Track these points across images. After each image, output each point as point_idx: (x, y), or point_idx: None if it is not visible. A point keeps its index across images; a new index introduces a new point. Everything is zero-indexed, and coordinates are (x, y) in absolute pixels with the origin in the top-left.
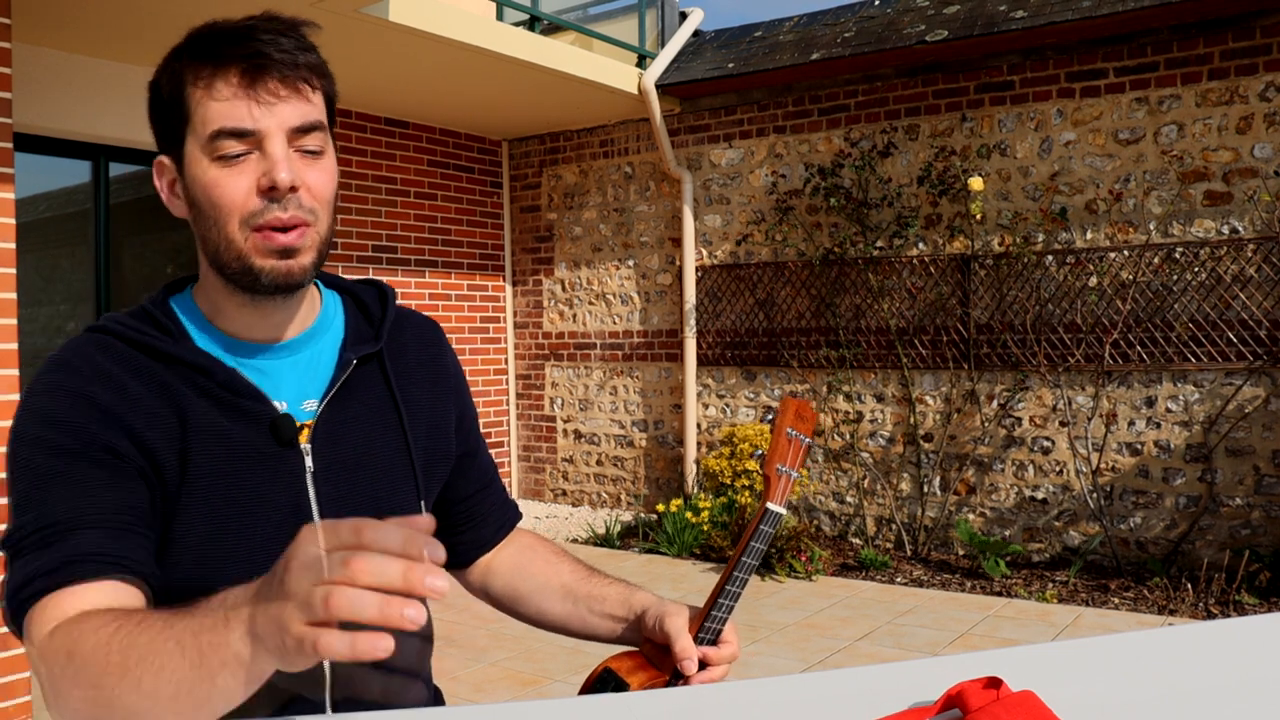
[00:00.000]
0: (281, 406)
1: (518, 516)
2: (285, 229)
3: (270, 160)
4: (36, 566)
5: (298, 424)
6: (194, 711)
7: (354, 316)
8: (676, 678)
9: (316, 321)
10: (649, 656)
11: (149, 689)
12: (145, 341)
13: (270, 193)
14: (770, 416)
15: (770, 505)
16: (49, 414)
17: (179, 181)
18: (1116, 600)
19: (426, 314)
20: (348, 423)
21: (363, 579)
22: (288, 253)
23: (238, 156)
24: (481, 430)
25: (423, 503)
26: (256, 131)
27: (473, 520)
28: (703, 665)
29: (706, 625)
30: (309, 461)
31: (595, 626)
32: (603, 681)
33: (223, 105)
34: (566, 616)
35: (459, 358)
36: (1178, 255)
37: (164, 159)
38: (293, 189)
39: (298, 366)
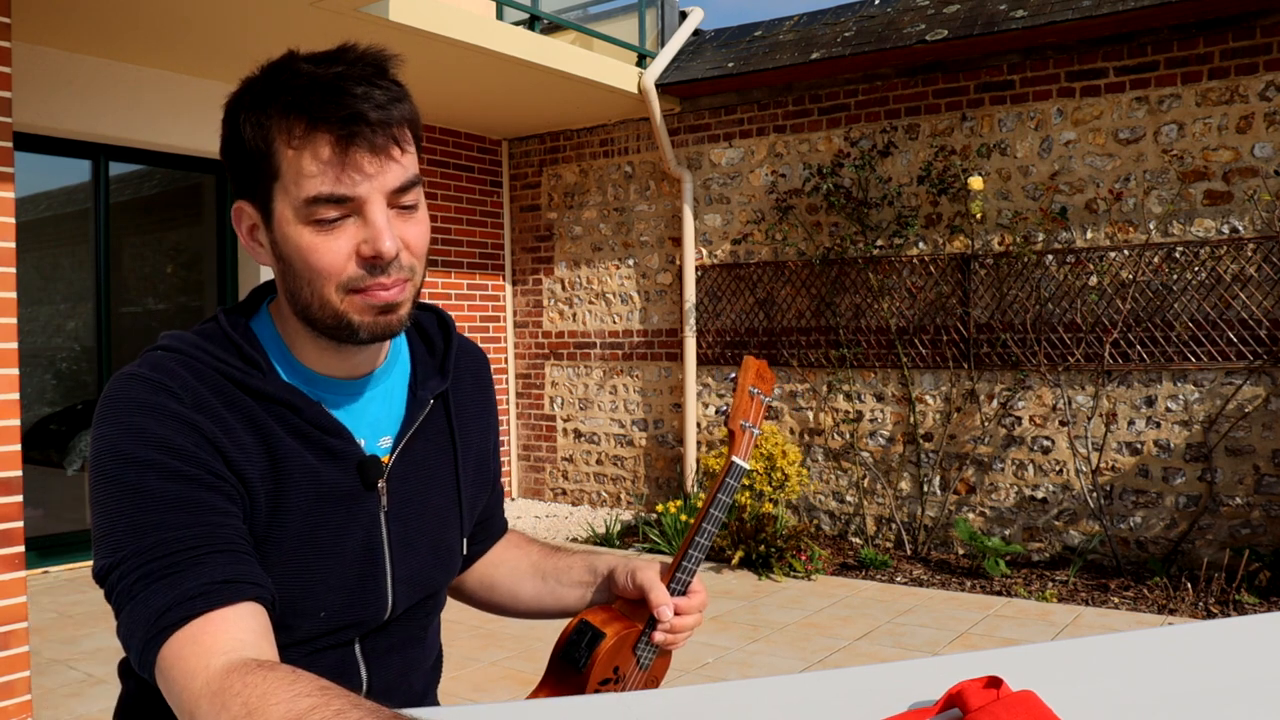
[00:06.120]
0: (361, 444)
1: (505, 530)
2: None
3: (373, 229)
4: (175, 594)
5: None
6: None
7: (418, 346)
8: (651, 626)
9: (388, 357)
10: (622, 611)
11: None
12: (234, 375)
13: (373, 260)
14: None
15: (735, 459)
16: (158, 438)
17: (262, 230)
18: (1116, 600)
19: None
20: (414, 462)
21: None
22: (388, 309)
23: (335, 221)
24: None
25: (465, 540)
26: (355, 198)
27: (470, 539)
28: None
29: (677, 576)
30: (384, 501)
31: (565, 597)
32: (579, 633)
33: (318, 172)
34: (538, 594)
35: None
36: (1178, 255)
37: (246, 205)
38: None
39: (373, 402)
